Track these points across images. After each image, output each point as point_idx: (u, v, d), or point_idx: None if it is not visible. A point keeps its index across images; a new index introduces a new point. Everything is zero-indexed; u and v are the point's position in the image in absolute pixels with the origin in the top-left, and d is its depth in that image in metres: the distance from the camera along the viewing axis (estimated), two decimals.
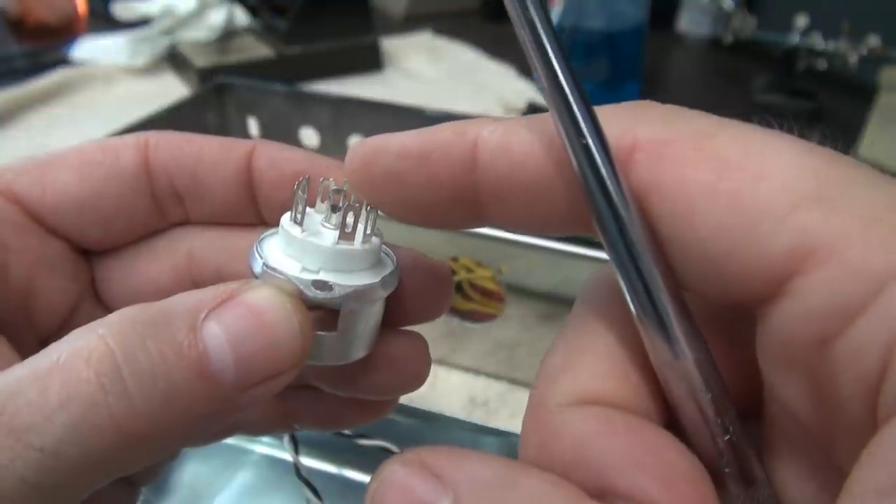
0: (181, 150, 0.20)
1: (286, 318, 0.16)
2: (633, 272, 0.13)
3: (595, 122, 0.13)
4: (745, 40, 0.93)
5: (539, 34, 0.14)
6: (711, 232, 0.13)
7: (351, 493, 0.36)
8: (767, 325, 0.13)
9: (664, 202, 0.13)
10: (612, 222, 0.13)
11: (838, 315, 0.11)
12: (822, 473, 0.14)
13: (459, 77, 0.93)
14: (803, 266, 0.12)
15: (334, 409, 0.22)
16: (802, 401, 0.13)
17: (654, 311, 0.13)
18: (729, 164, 0.13)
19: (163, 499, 0.36)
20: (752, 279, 0.12)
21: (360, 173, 0.16)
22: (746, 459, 0.14)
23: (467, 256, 0.41)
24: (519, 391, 0.43)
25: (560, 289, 0.39)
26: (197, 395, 0.15)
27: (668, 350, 0.13)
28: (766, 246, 0.12)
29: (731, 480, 0.14)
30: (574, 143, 0.13)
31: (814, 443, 0.13)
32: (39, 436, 0.13)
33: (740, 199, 0.12)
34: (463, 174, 0.15)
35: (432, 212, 0.16)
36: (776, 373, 0.13)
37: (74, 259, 0.20)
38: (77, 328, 0.15)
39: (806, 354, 0.12)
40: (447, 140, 0.15)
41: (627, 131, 0.14)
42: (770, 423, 0.15)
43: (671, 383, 0.14)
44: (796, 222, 0.12)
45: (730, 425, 0.14)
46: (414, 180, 0.16)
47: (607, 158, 0.13)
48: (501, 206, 0.15)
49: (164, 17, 0.90)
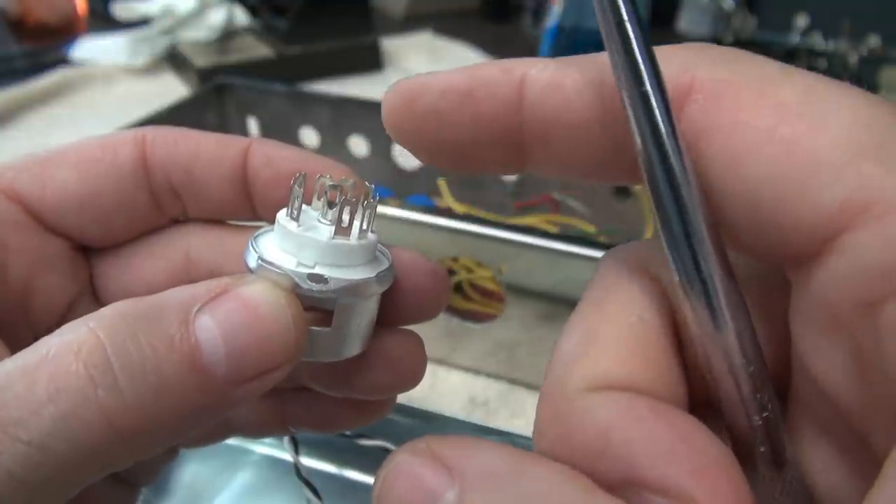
0: (177, 147, 0.20)
1: (280, 312, 0.15)
2: (680, 233, 0.12)
3: (656, 69, 0.13)
4: (745, 40, 0.93)
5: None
6: (763, 180, 0.12)
7: (351, 493, 0.36)
8: (809, 286, 0.12)
9: (717, 146, 0.12)
10: (664, 178, 0.12)
11: (890, 276, 0.11)
12: (852, 458, 0.13)
13: None
14: (857, 221, 0.11)
15: (330, 411, 0.22)
16: (839, 375, 0.12)
17: (699, 276, 0.13)
18: (789, 110, 0.12)
19: (163, 499, 0.36)
20: (801, 232, 0.12)
21: (401, 112, 0.16)
22: (780, 440, 0.13)
23: (467, 256, 0.41)
24: (519, 391, 0.43)
25: (560, 289, 0.39)
26: (188, 388, 0.14)
27: (710, 319, 0.13)
28: (820, 197, 0.11)
29: (762, 461, 0.13)
30: (632, 89, 0.13)
31: (845, 424, 0.12)
32: (27, 430, 0.13)
33: (798, 146, 0.12)
34: (508, 113, 0.15)
35: (474, 153, 0.16)
36: (813, 344, 0.12)
37: (73, 257, 0.20)
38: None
39: (849, 320, 0.11)
40: (493, 77, 0.15)
41: (686, 71, 0.13)
42: (798, 403, 0.14)
43: (710, 355, 0.13)
44: (854, 174, 0.11)
45: (768, 402, 0.13)
46: (457, 119, 0.15)
47: (666, 111, 0.13)
48: (546, 147, 0.15)
49: (164, 17, 0.90)
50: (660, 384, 0.13)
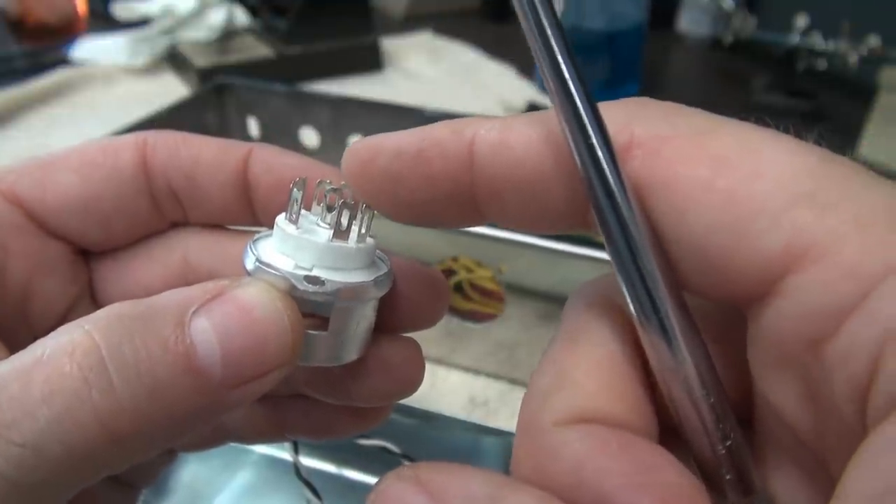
0: (178, 152, 0.20)
1: (276, 315, 0.15)
2: (634, 272, 0.13)
3: (600, 121, 0.13)
4: (745, 40, 0.93)
5: (545, 30, 0.14)
6: (706, 229, 0.13)
7: (351, 493, 0.36)
8: (760, 325, 0.13)
9: (660, 199, 0.13)
10: (615, 221, 0.13)
11: (831, 315, 0.11)
12: (814, 481, 0.13)
13: (459, 77, 0.93)
14: (797, 265, 0.12)
15: (327, 418, 0.22)
16: (794, 405, 0.13)
17: (654, 312, 0.13)
18: (725, 161, 0.13)
19: (163, 499, 0.36)
20: (745, 277, 0.12)
21: (358, 174, 0.16)
22: (746, 467, 0.14)
23: (467, 256, 0.41)
24: (519, 391, 0.43)
25: (560, 289, 0.39)
26: (183, 390, 0.14)
27: (668, 353, 0.13)
28: (761, 243, 0.12)
29: (730, 488, 0.14)
30: (578, 142, 0.13)
31: (805, 450, 0.13)
32: (21, 432, 0.13)
33: (735, 196, 0.12)
34: (459, 172, 0.15)
35: (429, 211, 0.16)
36: (768, 376, 0.13)
37: (73, 260, 0.20)
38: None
39: (797, 356, 0.12)
40: (443, 138, 0.15)
41: (625, 127, 0.14)
42: (761, 430, 0.15)
43: (671, 387, 0.14)
44: (791, 221, 0.12)
45: (730, 432, 0.13)
46: (411, 179, 0.16)
47: (612, 158, 0.13)
48: (499, 203, 0.15)
49: (164, 17, 0.90)
50: (630, 416, 0.14)
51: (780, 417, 0.13)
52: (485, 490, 0.12)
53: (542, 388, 0.14)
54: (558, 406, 0.14)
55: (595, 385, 0.14)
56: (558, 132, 0.14)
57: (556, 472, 0.13)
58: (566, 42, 0.14)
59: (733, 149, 0.13)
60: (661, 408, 0.14)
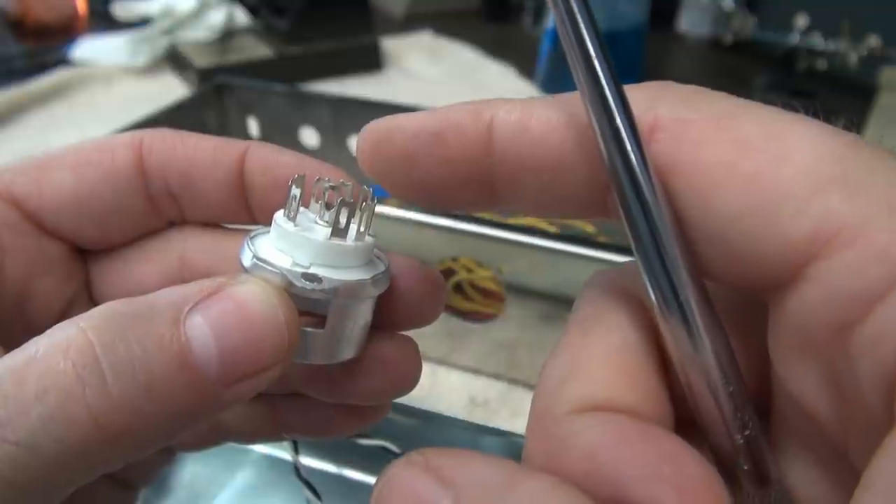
0: (175, 151, 0.20)
1: (272, 312, 0.15)
2: (655, 256, 0.13)
3: (626, 104, 0.13)
4: (745, 40, 0.93)
5: (574, 13, 0.14)
6: (731, 214, 0.12)
7: (351, 493, 0.36)
8: (784, 312, 0.12)
9: (683, 183, 0.13)
10: (639, 205, 0.13)
11: (859, 300, 0.11)
12: (833, 472, 0.13)
13: (459, 77, 0.93)
14: (825, 250, 0.11)
15: (325, 417, 0.22)
16: (816, 394, 0.12)
17: (675, 300, 0.13)
18: (750, 145, 0.12)
19: (163, 499, 0.36)
20: (771, 263, 0.12)
21: (373, 154, 0.16)
22: (763, 457, 0.13)
23: (467, 256, 0.41)
24: (519, 391, 0.43)
25: (560, 289, 0.39)
26: (178, 387, 0.14)
27: (688, 340, 0.13)
28: (788, 229, 0.12)
29: (746, 479, 0.13)
30: (603, 125, 0.13)
31: (826, 440, 0.13)
32: (14, 430, 0.13)
33: (761, 180, 0.12)
34: (477, 154, 0.15)
35: (445, 193, 0.16)
36: (790, 364, 0.13)
37: (70, 259, 0.20)
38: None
39: (823, 343, 0.12)
40: (461, 120, 0.15)
41: (649, 110, 0.13)
42: (779, 421, 0.14)
43: (690, 376, 0.13)
44: (819, 205, 0.11)
45: (748, 421, 0.13)
46: (427, 160, 0.15)
47: (637, 142, 0.13)
48: (517, 186, 0.15)
49: (164, 17, 0.90)
50: (645, 405, 0.14)
51: (801, 407, 0.13)
52: (497, 477, 0.12)
53: (555, 376, 0.14)
54: (572, 394, 0.14)
55: (610, 373, 0.14)
56: (579, 115, 0.14)
57: (571, 461, 0.13)
58: (594, 24, 0.14)
59: (758, 132, 0.12)
60: (675, 397, 0.14)
